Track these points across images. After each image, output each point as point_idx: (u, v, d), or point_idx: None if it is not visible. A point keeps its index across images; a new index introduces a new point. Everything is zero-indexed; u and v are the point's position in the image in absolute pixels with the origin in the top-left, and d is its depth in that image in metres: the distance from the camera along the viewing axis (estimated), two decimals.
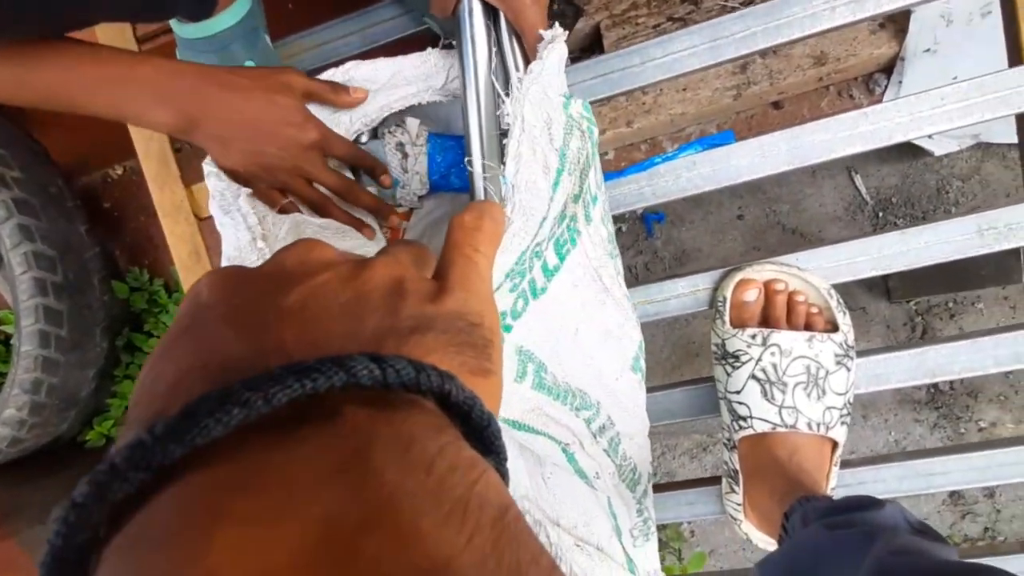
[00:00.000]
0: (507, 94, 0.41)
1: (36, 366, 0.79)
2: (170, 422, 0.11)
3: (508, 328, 0.39)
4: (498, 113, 0.38)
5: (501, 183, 0.32)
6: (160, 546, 0.10)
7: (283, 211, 0.45)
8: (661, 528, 0.92)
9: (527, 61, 0.43)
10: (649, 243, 0.94)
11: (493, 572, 0.10)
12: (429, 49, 0.48)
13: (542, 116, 0.35)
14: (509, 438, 0.52)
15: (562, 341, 0.44)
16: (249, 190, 0.42)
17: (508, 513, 0.12)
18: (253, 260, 0.41)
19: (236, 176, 0.43)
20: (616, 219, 0.97)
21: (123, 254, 1.14)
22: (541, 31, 0.39)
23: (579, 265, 0.42)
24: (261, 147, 0.41)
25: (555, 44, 0.37)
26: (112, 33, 0.64)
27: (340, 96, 0.46)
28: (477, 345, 0.18)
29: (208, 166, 0.43)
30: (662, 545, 0.92)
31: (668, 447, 0.95)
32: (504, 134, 0.43)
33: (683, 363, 0.93)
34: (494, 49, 0.44)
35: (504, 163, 0.34)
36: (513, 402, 0.41)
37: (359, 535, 0.10)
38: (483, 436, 0.15)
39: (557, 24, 0.41)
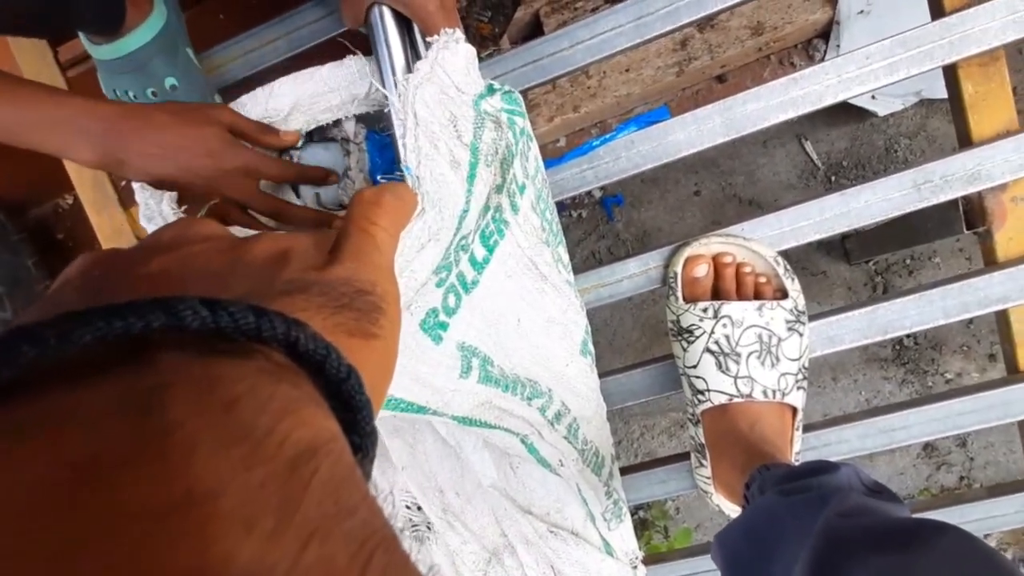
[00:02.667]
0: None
1: None
2: None
3: (445, 326, 0.39)
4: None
5: (405, 173, 0.32)
6: None
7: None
8: (646, 507, 0.93)
9: None
10: (610, 227, 0.94)
11: (263, 503, 0.10)
12: (348, 57, 0.48)
13: (444, 114, 0.35)
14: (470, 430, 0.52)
15: (505, 332, 0.44)
16: (173, 194, 0.40)
17: (318, 452, 0.11)
18: None
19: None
20: (575, 205, 0.97)
21: None
22: (437, 33, 0.38)
23: (510, 256, 0.42)
24: (186, 178, 0.40)
25: (450, 45, 0.37)
26: (33, 59, 0.62)
27: (268, 137, 0.45)
28: (361, 309, 0.17)
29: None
30: (647, 524, 0.92)
31: (646, 427, 0.96)
32: None
33: (653, 344, 0.94)
34: (410, 53, 0.44)
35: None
36: (461, 399, 0.41)
37: (115, 469, 0.09)
38: (341, 390, 0.14)
39: (489, 22, 0.41)
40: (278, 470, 0.10)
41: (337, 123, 0.54)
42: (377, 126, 0.55)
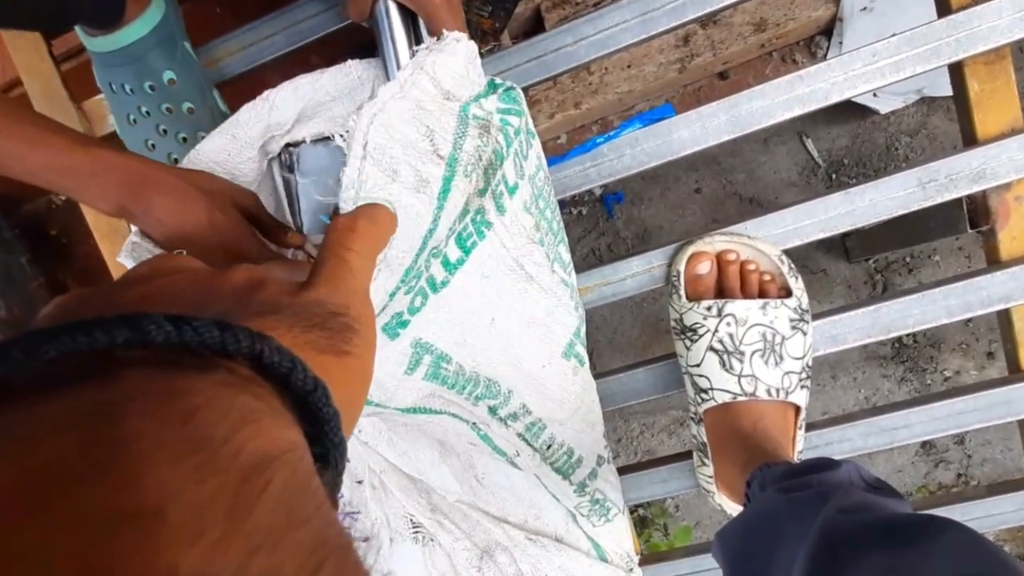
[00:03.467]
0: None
1: None
2: None
3: (405, 323, 0.39)
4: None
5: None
6: None
7: None
8: (645, 506, 0.93)
9: None
10: (610, 224, 0.94)
11: (213, 513, 0.10)
12: (349, 61, 0.47)
13: (416, 131, 0.34)
14: (431, 443, 0.52)
15: (473, 331, 0.44)
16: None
17: (275, 462, 0.11)
18: None
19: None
20: (575, 202, 0.96)
21: (75, 282, 1.10)
22: (441, 29, 0.38)
23: (490, 256, 0.42)
24: (185, 245, 0.39)
25: (446, 47, 0.36)
26: (27, 53, 0.61)
27: (278, 233, 0.44)
28: (332, 328, 0.18)
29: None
30: (647, 522, 0.92)
31: (646, 425, 0.96)
32: None
33: (653, 342, 0.94)
34: (415, 49, 0.43)
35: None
36: (404, 393, 0.41)
37: (70, 482, 0.09)
38: (307, 402, 0.14)
39: (490, 17, 0.40)
40: (231, 480, 0.10)
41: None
42: None
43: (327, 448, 0.15)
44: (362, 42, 0.90)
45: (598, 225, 0.94)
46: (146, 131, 0.55)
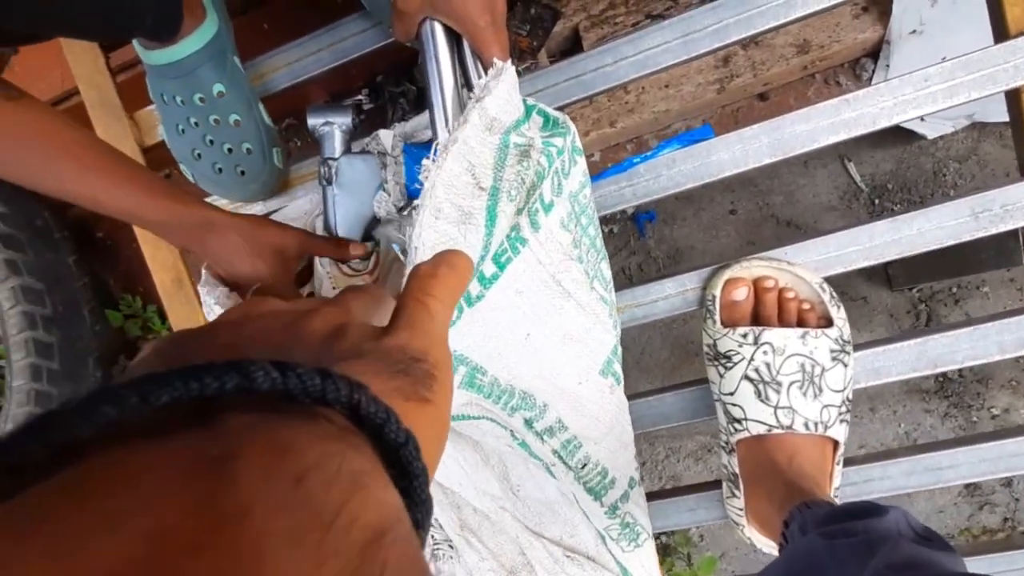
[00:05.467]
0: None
1: (29, 400, 0.79)
2: (35, 420, 0.10)
3: None
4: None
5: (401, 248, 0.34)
6: None
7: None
8: (669, 533, 0.90)
9: None
10: (642, 243, 0.93)
11: None
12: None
13: (458, 168, 0.36)
14: (473, 446, 0.52)
15: (508, 345, 0.44)
16: (224, 289, 0.47)
17: (384, 538, 0.11)
18: None
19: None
20: (606, 220, 0.95)
21: (117, 282, 1.14)
22: (485, 50, 0.41)
23: (525, 272, 0.42)
24: (236, 280, 0.47)
25: (501, 78, 0.37)
26: (85, 63, 0.64)
27: (340, 251, 0.51)
28: (415, 375, 0.18)
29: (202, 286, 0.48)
30: (670, 550, 0.90)
31: (672, 450, 0.94)
32: None
33: (682, 364, 0.92)
34: (459, 68, 0.44)
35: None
36: None
37: (185, 556, 0.09)
38: (399, 456, 0.14)
39: (528, 36, 0.41)
40: (349, 563, 0.10)
41: (374, 136, 0.54)
42: (414, 139, 0.55)
43: (415, 505, 0.14)
44: (395, 61, 0.92)
45: (629, 244, 0.93)
46: (193, 141, 0.57)
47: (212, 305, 0.47)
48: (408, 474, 0.14)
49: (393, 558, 0.11)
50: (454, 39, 0.44)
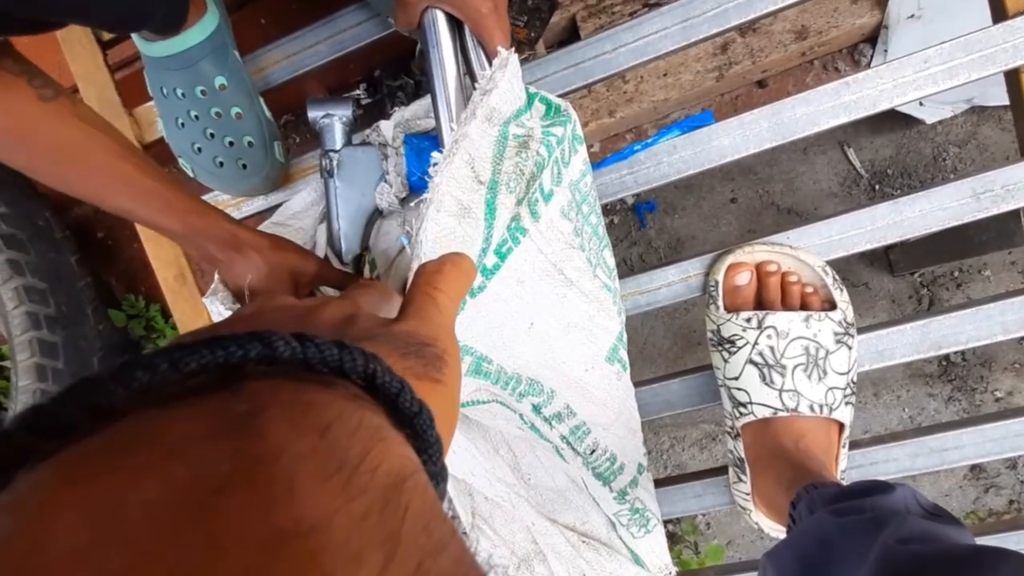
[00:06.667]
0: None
1: (34, 400, 0.79)
2: (73, 385, 0.11)
3: None
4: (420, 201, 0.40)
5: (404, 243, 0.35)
6: (10, 509, 0.10)
7: None
8: (675, 521, 0.90)
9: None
10: (642, 233, 0.93)
11: (367, 536, 0.10)
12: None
13: (461, 158, 0.36)
14: (484, 432, 0.52)
15: (512, 334, 0.44)
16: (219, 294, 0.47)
17: (406, 483, 0.11)
18: None
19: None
20: (606, 211, 0.95)
21: (119, 282, 1.14)
22: (488, 36, 0.41)
23: (526, 262, 0.43)
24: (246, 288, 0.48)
25: (504, 69, 0.38)
26: (84, 61, 0.63)
27: (349, 281, 0.52)
28: (426, 357, 0.19)
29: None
30: (677, 539, 0.90)
31: (677, 439, 0.94)
32: None
33: (685, 353, 0.92)
34: (460, 57, 0.44)
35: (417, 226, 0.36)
36: None
37: (222, 493, 0.09)
38: (413, 425, 0.14)
39: (525, 27, 0.42)
40: (376, 501, 0.10)
41: (375, 127, 0.54)
42: (414, 127, 0.55)
43: (431, 475, 0.15)
44: (393, 55, 0.92)
45: (630, 234, 0.93)
46: (193, 135, 0.57)
47: (223, 312, 0.47)
48: (423, 442, 0.15)
49: (416, 501, 0.11)
50: (456, 27, 0.44)
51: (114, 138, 0.42)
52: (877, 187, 0.84)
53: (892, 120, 0.82)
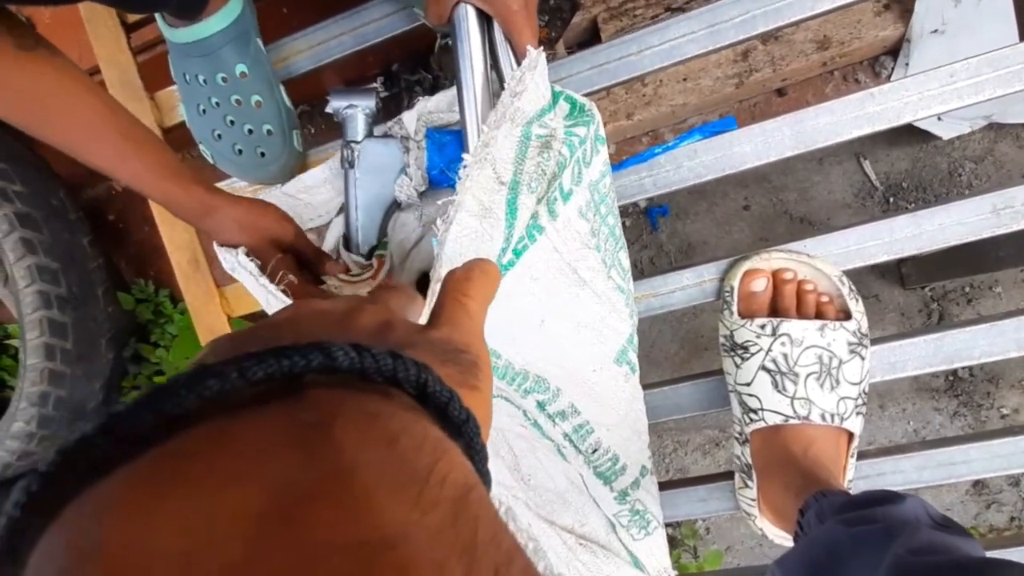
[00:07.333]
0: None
1: (43, 379, 0.79)
2: (147, 394, 0.12)
3: None
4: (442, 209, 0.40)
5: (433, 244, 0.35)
6: (100, 515, 0.10)
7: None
8: (675, 526, 0.91)
9: (519, 65, 0.44)
10: (654, 237, 0.93)
11: (447, 547, 0.10)
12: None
13: (487, 160, 0.36)
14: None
15: (522, 330, 0.44)
16: (242, 248, 0.48)
17: (471, 494, 0.12)
18: (269, 299, 0.48)
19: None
20: (619, 212, 0.95)
21: (128, 266, 1.14)
22: (517, 33, 0.41)
23: (541, 259, 0.43)
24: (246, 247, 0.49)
25: (533, 68, 0.38)
26: (108, 43, 0.64)
27: (321, 260, 0.53)
28: (462, 363, 0.19)
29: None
30: (677, 543, 0.90)
31: (680, 443, 0.94)
32: None
33: (692, 357, 0.92)
34: (488, 54, 0.44)
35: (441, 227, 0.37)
36: None
37: (307, 503, 0.10)
38: (461, 432, 0.15)
39: (546, 27, 0.42)
40: (448, 514, 0.11)
41: (398, 120, 0.54)
42: (436, 120, 0.55)
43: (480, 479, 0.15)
44: (412, 49, 0.92)
45: (641, 237, 0.93)
46: (214, 121, 0.57)
47: (228, 256, 0.49)
48: (472, 450, 0.15)
49: (483, 513, 0.11)
50: (485, 23, 0.44)
51: (96, 94, 0.41)
52: (892, 200, 0.84)
53: (909, 134, 0.82)
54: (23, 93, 0.38)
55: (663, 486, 0.60)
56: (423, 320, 0.24)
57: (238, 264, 0.45)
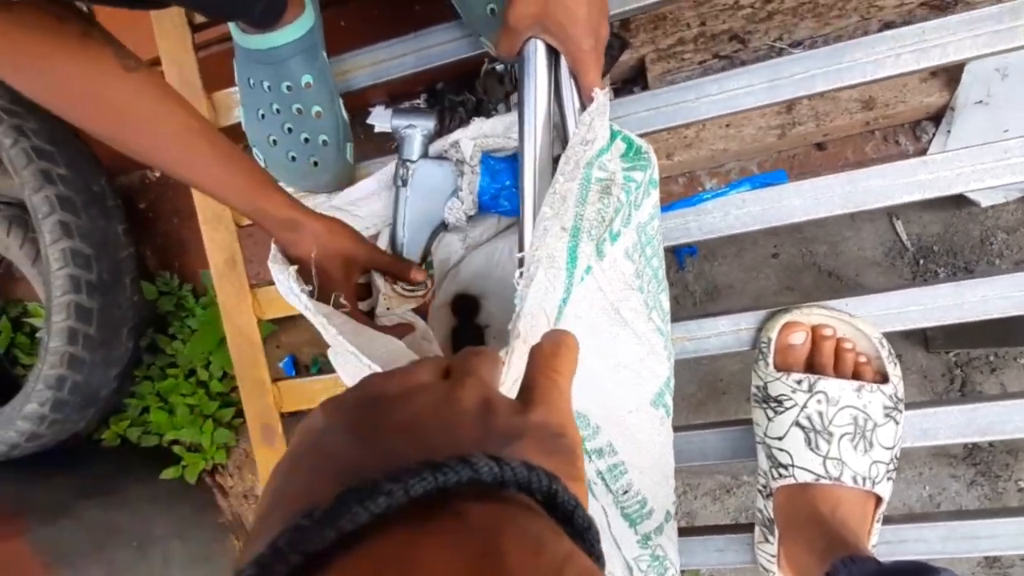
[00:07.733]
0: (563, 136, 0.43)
1: (62, 362, 0.79)
2: (327, 508, 0.13)
3: None
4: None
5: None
6: None
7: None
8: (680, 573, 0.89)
9: (583, 104, 0.45)
10: (680, 276, 0.93)
11: None
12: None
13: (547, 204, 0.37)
14: None
15: None
16: (294, 268, 0.47)
17: None
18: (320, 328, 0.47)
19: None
20: None
21: (153, 256, 1.15)
22: (584, 72, 0.43)
23: (585, 299, 0.43)
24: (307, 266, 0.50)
25: (597, 123, 0.39)
26: (173, 42, 0.65)
27: (404, 271, 0.54)
28: (564, 453, 0.20)
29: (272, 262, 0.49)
30: None
31: (690, 486, 0.93)
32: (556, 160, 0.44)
33: (709, 400, 0.91)
34: (552, 91, 0.45)
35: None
36: None
37: None
38: (584, 538, 0.16)
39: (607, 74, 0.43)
40: None
41: (455, 144, 0.55)
42: (490, 145, 0.55)
43: None
44: (462, 71, 0.94)
45: (667, 275, 0.94)
46: (272, 127, 0.58)
47: (282, 277, 0.48)
48: (595, 557, 0.16)
49: None
50: (553, 58, 0.45)
51: (191, 113, 0.43)
52: (921, 262, 0.84)
53: (944, 198, 0.82)
54: (126, 112, 0.40)
55: (682, 532, 0.59)
56: (506, 384, 0.25)
57: (291, 291, 0.45)
